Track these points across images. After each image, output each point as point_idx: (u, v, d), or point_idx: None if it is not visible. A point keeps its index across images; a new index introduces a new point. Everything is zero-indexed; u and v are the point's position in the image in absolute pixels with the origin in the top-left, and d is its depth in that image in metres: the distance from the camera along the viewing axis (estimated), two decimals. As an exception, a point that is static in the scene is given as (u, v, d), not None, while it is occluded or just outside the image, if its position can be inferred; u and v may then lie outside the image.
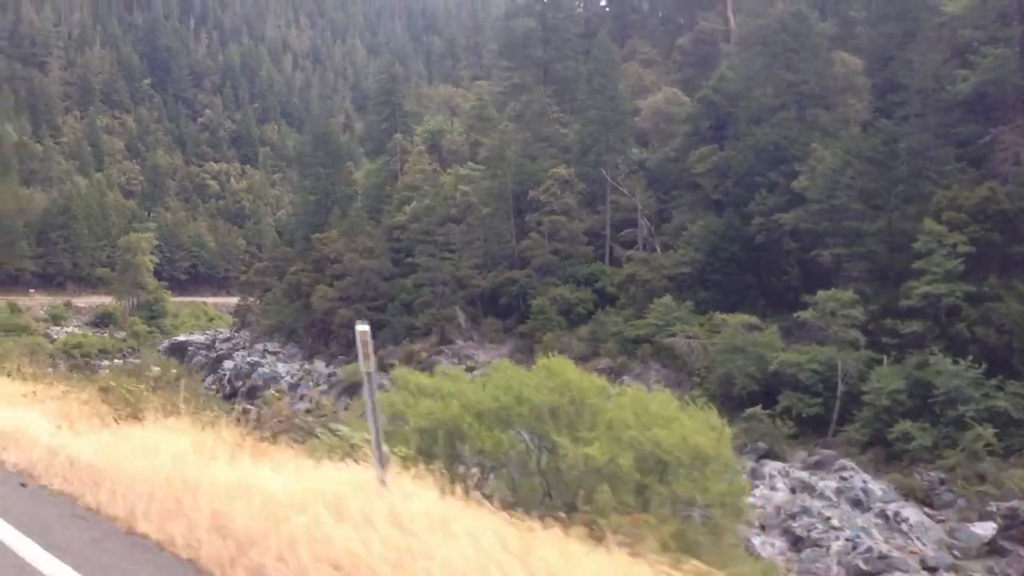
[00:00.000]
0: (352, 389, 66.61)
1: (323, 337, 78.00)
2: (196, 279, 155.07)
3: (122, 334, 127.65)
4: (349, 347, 75.15)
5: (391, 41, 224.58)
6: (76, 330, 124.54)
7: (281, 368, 75.22)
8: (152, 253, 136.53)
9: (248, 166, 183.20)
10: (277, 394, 16.18)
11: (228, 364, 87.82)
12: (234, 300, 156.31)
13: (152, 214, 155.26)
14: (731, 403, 43.31)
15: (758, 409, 40.25)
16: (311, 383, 70.56)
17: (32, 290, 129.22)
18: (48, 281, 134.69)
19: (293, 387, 71.90)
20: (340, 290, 75.59)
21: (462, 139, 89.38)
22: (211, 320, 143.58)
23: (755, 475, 36.95)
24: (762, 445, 40.51)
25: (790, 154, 49.78)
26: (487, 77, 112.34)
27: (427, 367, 63.21)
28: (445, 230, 69.27)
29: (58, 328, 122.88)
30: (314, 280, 79.79)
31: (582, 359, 55.73)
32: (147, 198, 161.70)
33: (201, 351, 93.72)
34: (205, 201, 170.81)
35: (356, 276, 74.96)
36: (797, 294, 48.94)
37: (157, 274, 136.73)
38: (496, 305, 65.61)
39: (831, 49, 54.75)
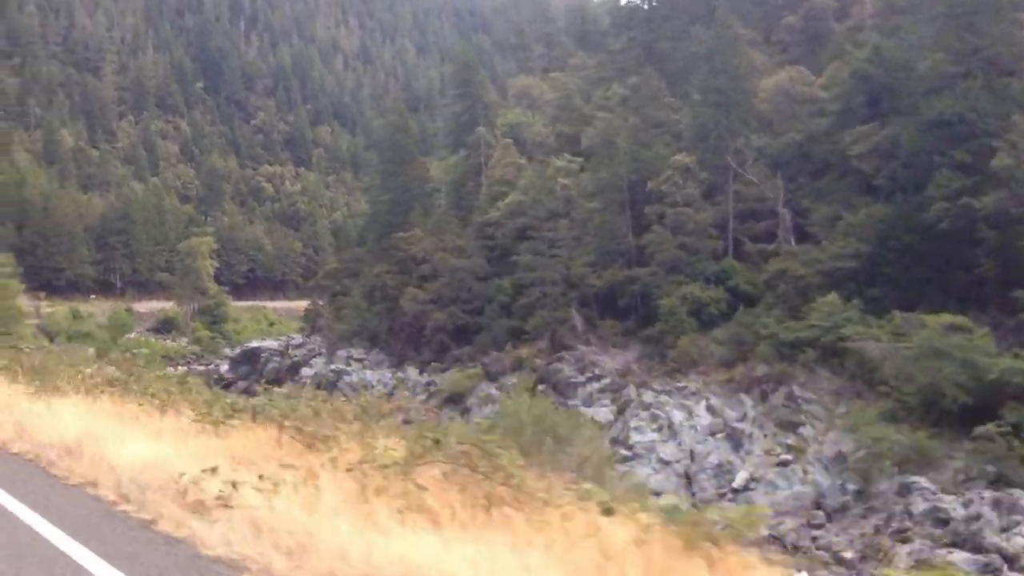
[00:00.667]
0: (455, 400, 60.05)
1: (412, 342, 71.43)
2: (253, 283, 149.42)
3: (185, 340, 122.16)
4: (442, 352, 68.63)
5: (440, 40, 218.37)
6: (139, 336, 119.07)
7: (370, 376, 68.69)
8: (212, 257, 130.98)
9: (302, 168, 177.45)
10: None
11: (307, 372, 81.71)
12: (294, 304, 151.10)
13: (208, 218, 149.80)
14: (939, 418, 36.28)
15: (991, 427, 32.95)
16: (406, 392, 63.93)
17: (92, 296, 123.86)
18: (107, 287, 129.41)
19: (386, 397, 65.42)
20: (431, 292, 69.04)
21: (547, 131, 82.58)
22: (272, 325, 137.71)
23: (1014, 510, 29.89)
24: (990, 469, 33.39)
25: (980, 129, 42.53)
26: (560, 68, 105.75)
27: (548, 376, 56.47)
28: (553, 225, 62.40)
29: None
30: (400, 282, 73.26)
31: (725, 365, 48.91)
32: (203, 202, 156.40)
33: (275, 358, 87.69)
34: (260, 204, 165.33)
35: (448, 277, 68.37)
36: (991, 288, 41.79)
37: (215, 278, 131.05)
38: (611, 306, 58.69)
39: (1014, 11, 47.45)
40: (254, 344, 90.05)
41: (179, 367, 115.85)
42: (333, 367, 72.88)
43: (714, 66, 59.67)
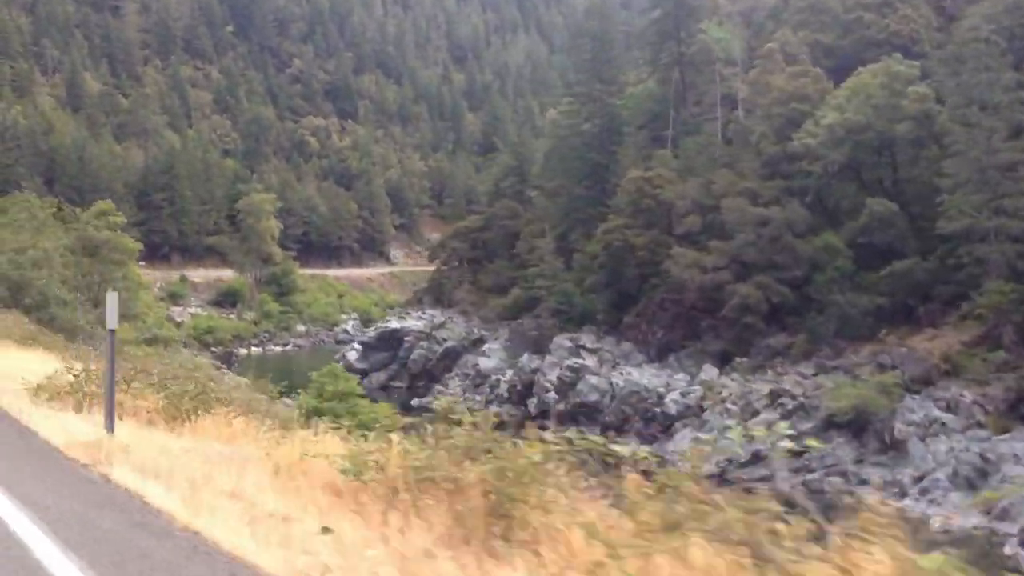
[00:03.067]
0: (855, 428, 36.16)
1: (682, 326, 47.51)
2: (307, 249, 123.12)
3: (251, 315, 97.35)
4: (742, 342, 44.77)
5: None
6: (199, 311, 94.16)
7: (639, 376, 44.61)
8: (277, 217, 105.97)
9: (348, 121, 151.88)
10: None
11: (485, 363, 57.84)
12: (354, 272, 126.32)
13: (255, 174, 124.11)
14: None
15: None
16: (727, 404, 40.02)
17: (140, 263, 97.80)
18: (152, 252, 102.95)
19: (685, 413, 41.54)
20: (720, 255, 45.02)
21: (796, 39, 58.57)
22: (341, 296, 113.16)
23: None
24: None
25: None
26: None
27: None
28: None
29: (179, 308, 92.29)
30: (652, 241, 49.23)
31: None
32: (246, 157, 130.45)
33: (421, 342, 63.45)
34: (306, 160, 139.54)
35: (751, 233, 44.36)
36: None
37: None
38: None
39: None
40: (392, 324, 65.34)
41: (252, 348, 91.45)
42: (565, 362, 48.42)
43: None
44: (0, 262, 29.48)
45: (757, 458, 36.59)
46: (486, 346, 59.29)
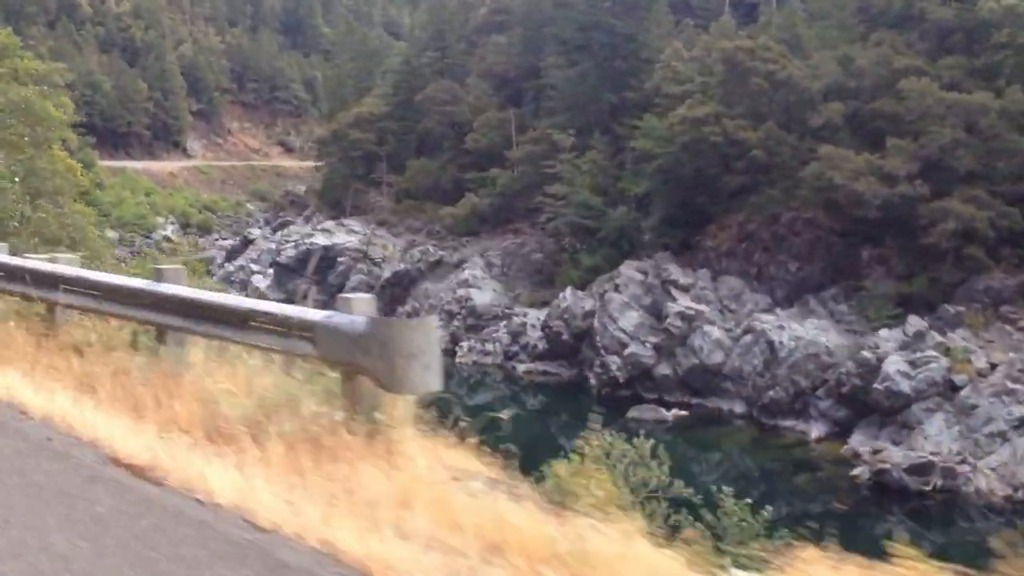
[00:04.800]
0: None
1: (820, 255, 33.42)
2: (90, 135, 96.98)
3: (45, 219, 73.36)
4: (942, 283, 31.46)
5: None
6: (-24, 214, 69.18)
7: (812, 333, 30.27)
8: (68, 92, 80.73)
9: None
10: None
11: (480, 297, 42.35)
12: (153, 165, 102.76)
13: (20, 40, 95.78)
14: None
15: None
16: (999, 385, 26.68)
17: None
18: None
19: (925, 392, 27.83)
20: (912, 159, 31.14)
21: None
22: (148, 195, 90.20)
23: None
24: None
25: None
26: None
27: None
28: None
29: (-53, 212, 67.19)
30: (769, 136, 34.51)
31: None
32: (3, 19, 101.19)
33: (359, 265, 46.05)
34: (78, 27, 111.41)
35: (956, 128, 30.74)
36: None
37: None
38: None
39: None
40: (321, 241, 46.79)
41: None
42: (637, 301, 33.14)
43: None
44: None
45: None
46: (466, 273, 42.77)
